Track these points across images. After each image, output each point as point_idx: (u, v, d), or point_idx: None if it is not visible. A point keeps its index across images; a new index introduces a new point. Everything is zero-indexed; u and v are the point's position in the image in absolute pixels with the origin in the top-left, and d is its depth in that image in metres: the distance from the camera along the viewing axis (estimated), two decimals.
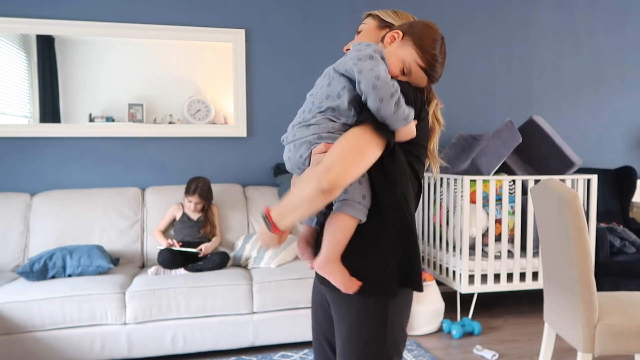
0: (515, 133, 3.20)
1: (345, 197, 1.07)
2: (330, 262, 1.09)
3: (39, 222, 3.00)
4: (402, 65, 1.12)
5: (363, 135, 1.04)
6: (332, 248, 1.09)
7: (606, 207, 3.79)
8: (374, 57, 1.08)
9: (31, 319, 2.40)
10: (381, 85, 1.02)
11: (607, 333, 1.84)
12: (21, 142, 3.19)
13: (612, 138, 4.18)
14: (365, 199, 1.08)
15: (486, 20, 3.89)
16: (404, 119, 1.04)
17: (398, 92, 1.04)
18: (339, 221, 1.08)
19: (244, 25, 3.45)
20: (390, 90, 1.03)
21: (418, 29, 1.13)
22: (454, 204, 3.17)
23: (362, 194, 1.08)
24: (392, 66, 1.11)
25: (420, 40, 1.11)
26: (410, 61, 1.11)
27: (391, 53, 1.12)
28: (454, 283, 3.16)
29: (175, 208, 3.08)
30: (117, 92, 3.29)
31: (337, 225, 1.09)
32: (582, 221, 1.82)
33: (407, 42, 1.12)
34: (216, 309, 2.61)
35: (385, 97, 1.02)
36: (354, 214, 1.07)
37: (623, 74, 4.18)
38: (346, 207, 1.07)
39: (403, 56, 1.11)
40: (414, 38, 1.12)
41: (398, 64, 1.11)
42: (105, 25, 3.22)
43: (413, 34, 1.12)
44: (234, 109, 3.45)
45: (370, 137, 1.04)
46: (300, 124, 1.13)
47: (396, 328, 1.13)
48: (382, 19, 1.26)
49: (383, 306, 1.11)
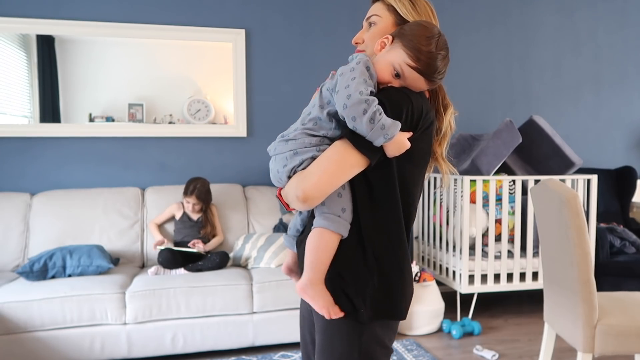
0: (515, 133, 3.20)
1: (324, 211, 1.04)
2: (311, 285, 1.03)
3: (39, 222, 3.00)
4: (391, 68, 1.05)
5: (343, 149, 1.01)
6: (312, 269, 1.03)
7: (606, 207, 3.78)
8: (355, 70, 1.03)
9: (31, 319, 2.40)
10: (351, 105, 0.97)
11: (607, 333, 1.84)
12: (21, 142, 3.19)
13: (612, 138, 4.18)
14: (345, 212, 1.03)
15: (486, 21, 3.89)
16: (383, 135, 0.97)
17: (372, 108, 0.97)
18: (317, 237, 1.03)
19: (244, 25, 3.45)
20: (361, 107, 0.97)
21: (408, 29, 1.07)
22: (454, 204, 3.17)
23: (342, 207, 1.03)
24: (382, 72, 1.06)
25: (410, 40, 1.04)
26: (399, 62, 1.04)
27: (380, 59, 1.07)
28: (454, 283, 3.16)
29: (175, 207, 3.09)
30: (117, 92, 3.29)
31: (316, 242, 1.03)
32: (582, 221, 1.82)
33: (396, 45, 1.06)
34: (216, 309, 2.61)
35: (357, 115, 0.97)
36: (332, 228, 1.02)
37: (623, 74, 4.18)
38: (324, 221, 1.03)
39: (391, 59, 1.05)
40: (403, 39, 1.05)
41: (387, 68, 1.06)
42: (105, 25, 3.22)
43: (402, 35, 1.06)
44: (234, 109, 3.45)
45: (349, 153, 1.00)
46: (282, 138, 1.09)
47: (371, 348, 1.07)
48: (399, 14, 1.15)
49: (358, 331, 1.05)
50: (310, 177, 1.00)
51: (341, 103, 0.99)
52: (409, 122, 1.03)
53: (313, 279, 1.03)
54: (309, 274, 1.04)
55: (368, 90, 1.00)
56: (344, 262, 1.05)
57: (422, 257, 3.64)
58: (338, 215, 1.03)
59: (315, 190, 0.99)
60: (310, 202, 1.00)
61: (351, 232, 1.05)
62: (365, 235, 1.05)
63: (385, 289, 1.05)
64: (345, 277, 1.05)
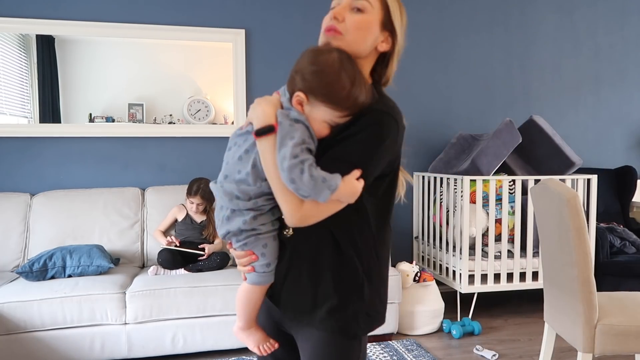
0: (515, 133, 3.20)
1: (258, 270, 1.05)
2: (242, 331, 1.13)
3: (39, 222, 3.00)
4: (327, 124, 1.00)
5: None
6: (241, 318, 1.12)
7: (606, 207, 3.78)
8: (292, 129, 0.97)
9: (31, 319, 2.40)
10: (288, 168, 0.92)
11: (607, 333, 1.84)
12: (21, 142, 3.19)
13: (612, 138, 4.18)
14: (270, 266, 1.06)
15: (486, 20, 3.89)
16: (327, 188, 0.92)
17: (307, 165, 0.92)
18: (249, 292, 1.09)
19: (244, 25, 3.45)
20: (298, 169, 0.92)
21: (314, 82, 0.98)
22: (454, 204, 3.17)
23: (268, 262, 1.05)
24: (320, 132, 1.00)
25: (326, 94, 0.97)
26: (332, 119, 0.99)
27: (310, 120, 0.99)
28: (454, 283, 3.16)
29: (177, 210, 3.08)
30: (117, 92, 3.29)
31: (247, 296, 1.09)
32: (582, 221, 1.82)
33: (314, 102, 0.98)
34: (216, 309, 2.61)
35: (296, 177, 0.92)
36: (264, 283, 1.07)
37: (623, 74, 4.18)
38: (257, 278, 1.06)
39: (322, 118, 0.99)
40: (317, 95, 0.98)
41: (322, 125, 1.00)
42: (105, 25, 3.22)
43: (313, 90, 0.98)
44: (234, 109, 3.45)
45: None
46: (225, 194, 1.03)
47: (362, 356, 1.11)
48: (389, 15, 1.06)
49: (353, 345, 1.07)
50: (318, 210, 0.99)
51: (279, 166, 0.94)
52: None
53: (243, 326, 1.12)
54: (240, 323, 1.12)
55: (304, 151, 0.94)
56: (339, 282, 1.04)
57: (422, 257, 3.64)
58: (270, 271, 1.06)
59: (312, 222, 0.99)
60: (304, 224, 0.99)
61: (345, 252, 1.03)
62: (356, 253, 1.04)
63: (374, 301, 1.08)
64: (333, 298, 1.04)
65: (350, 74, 0.98)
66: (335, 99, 0.97)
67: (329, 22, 1.06)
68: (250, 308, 1.10)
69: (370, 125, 0.98)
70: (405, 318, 2.98)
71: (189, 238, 2.99)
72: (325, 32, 1.06)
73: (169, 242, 2.89)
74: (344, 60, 0.99)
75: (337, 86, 0.96)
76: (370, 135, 0.97)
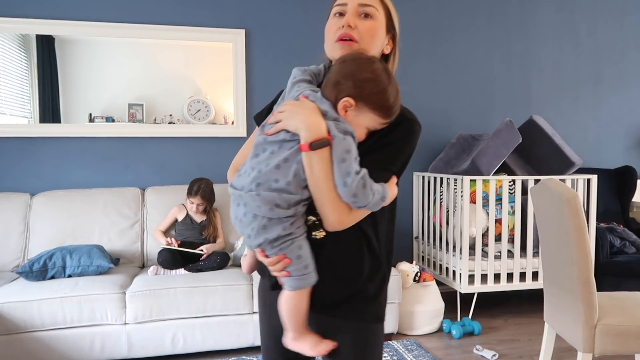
0: (515, 133, 3.20)
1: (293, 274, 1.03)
2: (295, 340, 1.10)
3: (39, 222, 3.00)
4: (366, 131, 1.04)
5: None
6: (293, 327, 1.08)
7: (606, 207, 3.79)
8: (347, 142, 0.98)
9: (31, 319, 2.40)
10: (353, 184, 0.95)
11: (607, 333, 1.84)
12: (21, 142, 3.19)
13: (612, 138, 4.18)
14: (308, 267, 1.04)
15: (486, 20, 3.89)
16: (381, 199, 0.98)
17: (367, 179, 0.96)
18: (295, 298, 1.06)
19: (244, 25, 3.45)
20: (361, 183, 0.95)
21: (367, 89, 1.00)
22: (454, 204, 3.17)
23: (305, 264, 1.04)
24: (359, 138, 1.03)
25: (375, 102, 1.01)
26: (374, 125, 1.03)
27: (353, 125, 1.02)
28: (454, 283, 3.16)
29: (177, 209, 3.08)
30: (117, 92, 3.29)
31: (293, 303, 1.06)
32: (582, 221, 1.82)
33: (362, 108, 1.01)
34: (216, 309, 2.61)
35: (359, 192, 0.96)
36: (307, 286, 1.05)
37: (623, 73, 4.18)
38: (298, 282, 1.04)
39: (366, 124, 1.03)
40: (367, 102, 1.00)
41: (362, 131, 1.03)
42: (105, 25, 3.22)
43: (364, 97, 1.00)
44: (234, 109, 3.45)
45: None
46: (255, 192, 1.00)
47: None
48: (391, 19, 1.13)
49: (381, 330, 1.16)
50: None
51: (340, 181, 0.96)
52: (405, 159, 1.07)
53: (295, 336, 1.09)
54: (291, 334, 1.10)
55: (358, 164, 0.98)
56: (367, 275, 1.09)
57: (422, 257, 3.64)
58: (309, 272, 1.04)
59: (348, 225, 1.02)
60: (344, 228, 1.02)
61: (374, 246, 1.09)
62: (379, 246, 1.10)
63: (386, 289, 1.16)
64: (369, 289, 1.10)
65: (394, 83, 1.03)
66: (384, 106, 1.01)
67: (343, 30, 1.08)
68: (298, 315, 1.07)
69: (408, 135, 1.06)
70: (405, 318, 2.99)
71: (189, 238, 2.99)
72: (340, 42, 1.08)
73: (168, 242, 2.90)
74: (387, 69, 1.04)
75: (387, 94, 1.01)
76: (407, 144, 1.06)
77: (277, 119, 1.02)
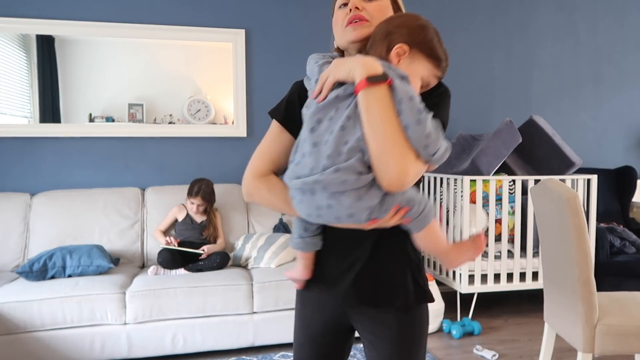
0: (515, 133, 3.20)
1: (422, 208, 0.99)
2: (454, 261, 1.13)
3: (39, 222, 3.00)
4: (420, 82, 1.00)
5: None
6: (442, 252, 1.11)
7: (606, 207, 3.79)
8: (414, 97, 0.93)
9: (31, 319, 2.40)
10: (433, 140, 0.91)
11: (607, 333, 1.84)
12: (21, 142, 3.19)
13: (612, 138, 4.18)
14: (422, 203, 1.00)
15: (486, 20, 3.89)
16: (445, 149, 0.94)
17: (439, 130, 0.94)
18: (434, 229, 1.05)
19: (244, 25, 3.45)
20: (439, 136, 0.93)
21: (420, 36, 0.99)
22: (454, 204, 3.17)
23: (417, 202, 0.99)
24: (414, 88, 0.98)
25: (429, 49, 0.99)
26: (429, 76, 1.01)
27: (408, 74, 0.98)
28: (454, 283, 3.16)
29: (177, 209, 3.08)
30: (117, 92, 3.29)
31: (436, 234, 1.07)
32: (582, 221, 1.82)
33: (416, 56, 0.99)
34: (216, 309, 2.61)
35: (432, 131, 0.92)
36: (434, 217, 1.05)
37: (623, 73, 4.18)
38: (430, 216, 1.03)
39: (421, 74, 0.99)
40: (422, 49, 0.98)
41: (417, 83, 0.99)
42: (105, 25, 3.22)
43: (418, 43, 0.98)
44: (234, 109, 3.45)
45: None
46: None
47: None
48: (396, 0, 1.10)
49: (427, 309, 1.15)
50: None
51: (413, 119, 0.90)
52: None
53: (451, 257, 1.12)
54: (445, 259, 1.12)
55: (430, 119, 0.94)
56: (415, 252, 1.11)
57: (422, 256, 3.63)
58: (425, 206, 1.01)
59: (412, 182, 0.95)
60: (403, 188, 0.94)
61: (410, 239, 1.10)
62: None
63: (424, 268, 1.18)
64: (418, 266, 1.12)
65: (440, 39, 1.02)
66: (437, 56, 1.00)
67: (351, 13, 1.04)
68: (439, 243, 1.08)
69: (448, 97, 1.05)
70: None
71: (189, 238, 2.99)
72: (352, 24, 1.03)
73: (167, 242, 2.90)
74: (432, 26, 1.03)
75: (439, 43, 1.00)
76: (448, 104, 1.05)
77: (322, 81, 0.96)
